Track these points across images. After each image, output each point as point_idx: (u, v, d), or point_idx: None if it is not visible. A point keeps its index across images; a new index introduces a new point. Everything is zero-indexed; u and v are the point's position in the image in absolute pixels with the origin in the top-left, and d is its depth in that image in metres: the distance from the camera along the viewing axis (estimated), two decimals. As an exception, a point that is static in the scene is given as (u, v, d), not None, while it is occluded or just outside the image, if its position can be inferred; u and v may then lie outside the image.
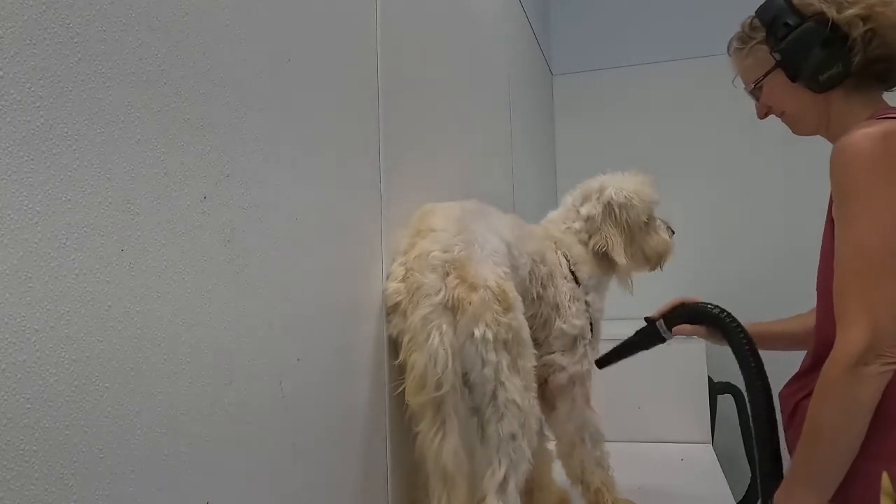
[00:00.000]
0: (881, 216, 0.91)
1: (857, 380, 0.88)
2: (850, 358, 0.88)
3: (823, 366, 0.93)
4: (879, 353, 0.88)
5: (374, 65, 1.05)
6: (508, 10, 2.18)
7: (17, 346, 0.45)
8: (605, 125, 3.10)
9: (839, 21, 1.00)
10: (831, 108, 1.07)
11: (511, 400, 0.94)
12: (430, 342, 0.91)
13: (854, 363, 0.88)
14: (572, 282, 1.30)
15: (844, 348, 0.90)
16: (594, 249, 1.33)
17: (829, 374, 0.92)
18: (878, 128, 0.94)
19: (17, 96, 0.46)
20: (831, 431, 0.92)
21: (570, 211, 1.39)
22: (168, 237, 0.59)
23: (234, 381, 0.67)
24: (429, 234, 1.01)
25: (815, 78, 1.04)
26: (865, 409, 0.90)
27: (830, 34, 1.00)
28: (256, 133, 0.73)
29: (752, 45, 1.13)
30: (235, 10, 0.70)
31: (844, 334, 0.91)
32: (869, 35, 0.99)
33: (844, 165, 0.95)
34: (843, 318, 0.92)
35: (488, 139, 1.82)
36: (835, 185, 0.97)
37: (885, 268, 0.90)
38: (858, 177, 0.93)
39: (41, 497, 0.46)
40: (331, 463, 0.86)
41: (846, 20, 0.99)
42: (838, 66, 1.01)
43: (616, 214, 1.34)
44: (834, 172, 0.97)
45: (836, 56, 1.01)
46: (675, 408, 1.96)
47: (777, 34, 1.06)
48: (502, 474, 0.93)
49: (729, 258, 2.87)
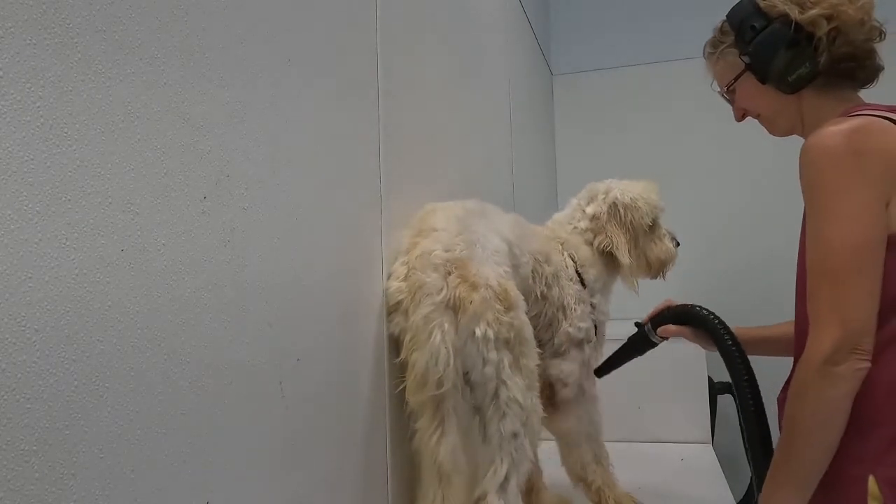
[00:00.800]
0: (848, 213, 0.90)
1: (829, 380, 0.88)
2: (821, 358, 0.88)
3: (797, 366, 0.93)
4: (850, 351, 0.87)
5: (374, 65, 1.05)
6: (508, 10, 2.18)
7: (17, 346, 0.45)
8: (605, 125, 3.10)
9: (802, 21, 1.00)
10: (804, 108, 1.07)
11: (513, 398, 0.94)
12: (431, 341, 0.91)
13: (824, 363, 0.88)
14: (578, 284, 1.31)
15: (815, 349, 0.89)
16: (599, 248, 1.34)
17: (801, 375, 0.92)
18: (845, 125, 0.94)
19: (17, 96, 0.46)
20: (807, 431, 0.92)
21: (575, 210, 1.40)
22: (168, 237, 0.59)
23: (234, 381, 0.67)
24: (431, 234, 1.02)
25: (784, 79, 1.04)
26: (839, 408, 0.89)
27: (795, 35, 1.00)
28: (256, 133, 0.73)
29: (722, 49, 1.14)
30: (235, 10, 0.70)
31: (815, 334, 0.90)
32: (833, 34, 0.99)
33: (811, 163, 0.95)
34: (815, 319, 0.91)
35: (488, 139, 1.82)
36: (803, 183, 0.97)
37: (853, 265, 0.89)
38: (825, 174, 0.93)
39: (41, 497, 0.46)
40: (331, 463, 0.86)
41: (809, 20, 0.99)
42: (806, 66, 1.01)
43: (621, 215, 1.35)
44: (802, 170, 0.97)
45: (802, 56, 1.01)
46: (675, 408, 1.95)
47: (745, 37, 1.07)
48: (504, 473, 0.93)
49: (729, 258, 2.87)
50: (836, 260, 0.90)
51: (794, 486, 0.95)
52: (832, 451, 0.92)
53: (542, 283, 1.24)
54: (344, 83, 0.95)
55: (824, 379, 0.88)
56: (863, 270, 0.89)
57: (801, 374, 0.92)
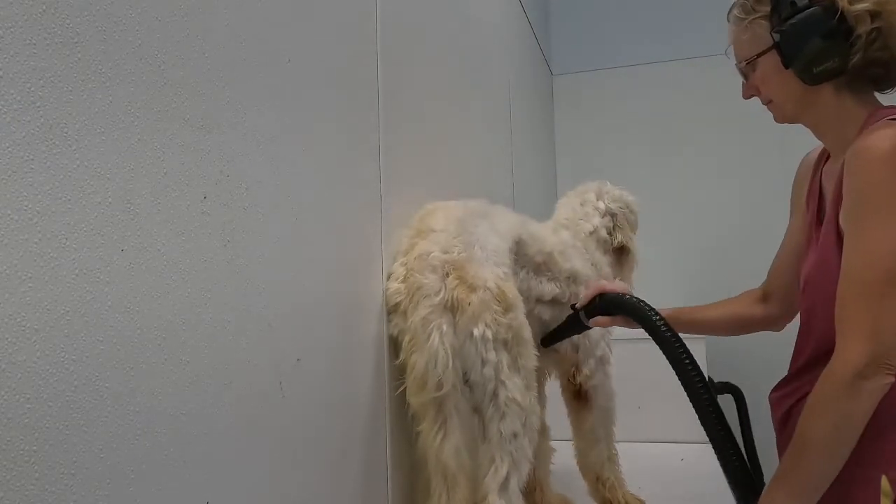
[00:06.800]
0: None
1: (856, 394, 0.86)
2: (852, 371, 0.85)
3: (821, 377, 0.90)
4: (880, 366, 0.85)
5: (374, 65, 1.05)
6: (509, 10, 2.18)
7: (17, 346, 0.45)
8: (605, 125, 3.09)
9: (848, 13, 0.95)
10: (819, 102, 1.03)
11: (512, 398, 0.94)
12: (430, 342, 0.92)
13: (854, 377, 0.85)
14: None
15: (845, 361, 0.87)
16: (614, 245, 1.40)
17: (827, 389, 0.89)
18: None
19: (17, 96, 0.46)
20: (824, 444, 0.90)
21: (585, 206, 1.44)
22: (168, 237, 0.59)
23: (234, 381, 0.67)
24: (429, 235, 1.02)
25: (809, 69, 0.99)
26: (860, 423, 0.87)
27: (836, 25, 0.95)
28: (256, 133, 0.73)
29: (753, 19, 1.05)
30: (235, 10, 0.70)
31: (847, 345, 0.87)
32: (874, 34, 0.95)
33: (863, 168, 0.90)
34: (847, 329, 0.88)
35: (488, 139, 1.82)
36: (851, 189, 0.92)
37: (894, 277, 0.87)
38: (880, 183, 0.88)
39: (41, 497, 0.46)
40: (331, 463, 0.86)
41: (856, 13, 0.94)
42: (834, 61, 0.97)
43: (629, 217, 1.44)
44: (851, 174, 0.92)
45: (836, 50, 0.96)
46: (675, 408, 1.95)
47: (781, 13, 0.99)
48: (504, 473, 0.93)
49: (728, 258, 2.87)
50: (879, 272, 0.87)
51: (798, 497, 0.93)
52: (843, 463, 0.90)
53: (564, 283, 1.28)
54: (344, 83, 0.95)
55: (853, 393, 0.85)
56: None
57: (827, 388, 0.88)
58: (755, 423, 1.58)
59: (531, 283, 1.21)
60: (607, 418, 1.37)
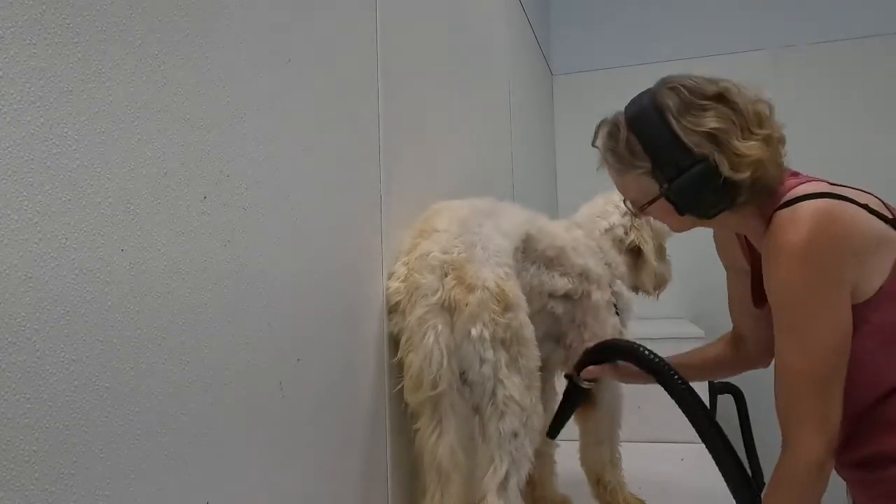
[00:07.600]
0: (827, 318, 0.91)
1: (821, 479, 0.91)
2: (815, 461, 0.91)
3: (780, 464, 0.95)
4: (832, 448, 0.91)
5: (374, 65, 1.05)
6: (508, 10, 2.18)
7: (17, 346, 0.45)
8: (605, 125, 3.09)
9: (732, 179, 0.96)
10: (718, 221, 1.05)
11: (510, 397, 0.94)
12: (425, 342, 0.92)
13: (817, 467, 0.91)
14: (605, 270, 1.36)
15: (807, 451, 0.91)
16: (629, 246, 1.39)
17: (792, 473, 0.93)
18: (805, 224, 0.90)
19: (17, 96, 0.46)
20: None
21: (608, 204, 1.44)
22: (168, 237, 0.59)
23: (234, 381, 0.67)
24: (431, 235, 1.02)
25: (705, 213, 1.01)
26: (820, 497, 0.93)
27: (722, 183, 0.97)
28: (256, 133, 0.73)
29: (636, 174, 1.05)
30: (235, 10, 0.70)
31: (803, 439, 0.92)
32: (756, 181, 0.97)
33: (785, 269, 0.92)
34: (800, 423, 0.92)
35: (488, 139, 1.82)
36: (776, 282, 0.95)
37: (835, 370, 0.91)
38: (804, 281, 0.91)
39: (41, 497, 0.46)
40: (331, 463, 0.86)
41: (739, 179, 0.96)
42: (726, 202, 0.99)
43: (652, 222, 1.42)
44: (773, 271, 0.94)
45: (726, 197, 0.98)
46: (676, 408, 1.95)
47: (666, 172, 1.00)
48: (503, 473, 0.93)
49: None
50: (822, 366, 0.91)
51: None
52: None
53: (579, 280, 1.27)
54: (344, 83, 0.95)
55: (818, 478, 0.91)
56: (840, 368, 0.92)
57: (792, 472, 0.93)
58: (755, 423, 1.58)
59: (543, 278, 1.20)
60: (613, 420, 1.37)
